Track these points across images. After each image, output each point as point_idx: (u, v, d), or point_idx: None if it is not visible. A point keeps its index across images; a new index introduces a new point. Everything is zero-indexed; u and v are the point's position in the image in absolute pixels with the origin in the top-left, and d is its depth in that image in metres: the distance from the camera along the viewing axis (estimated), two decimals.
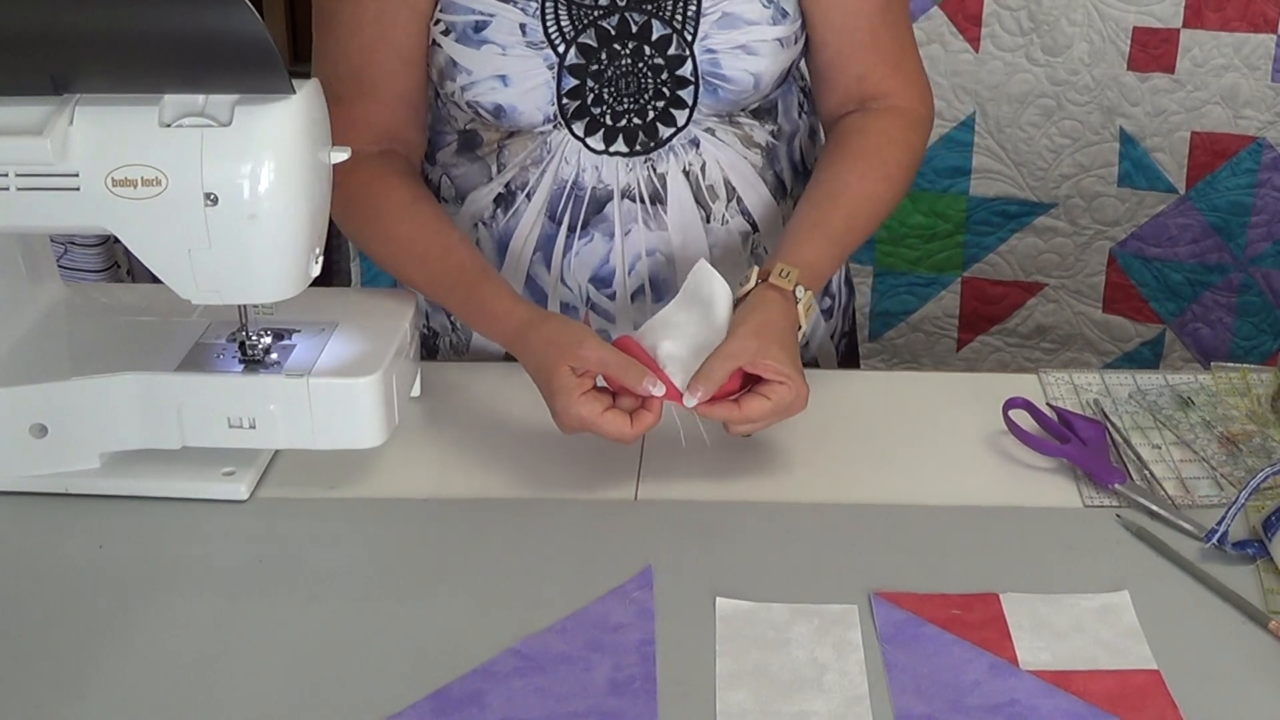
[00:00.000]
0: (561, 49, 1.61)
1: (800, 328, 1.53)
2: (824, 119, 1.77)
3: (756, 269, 1.55)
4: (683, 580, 1.35)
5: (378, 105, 1.66)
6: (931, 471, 1.52)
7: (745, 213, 1.74)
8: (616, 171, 1.68)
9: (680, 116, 1.66)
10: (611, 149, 1.67)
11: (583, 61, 1.62)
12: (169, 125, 1.34)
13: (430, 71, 1.67)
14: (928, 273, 2.95)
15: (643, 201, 1.69)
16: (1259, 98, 2.74)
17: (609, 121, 1.65)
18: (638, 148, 1.67)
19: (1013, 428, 1.55)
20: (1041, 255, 2.90)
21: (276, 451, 1.52)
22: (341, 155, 1.45)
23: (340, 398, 1.44)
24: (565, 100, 1.63)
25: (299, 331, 1.51)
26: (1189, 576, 1.37)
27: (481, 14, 1.61)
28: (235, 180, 1.34)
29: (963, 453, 1.55)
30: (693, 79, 1.64)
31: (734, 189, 1.72)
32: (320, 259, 1.44)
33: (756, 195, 1.74)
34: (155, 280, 1.40)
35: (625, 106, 1.65)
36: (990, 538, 1.42)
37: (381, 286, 2.88)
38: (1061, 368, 1.72)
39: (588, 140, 1.66)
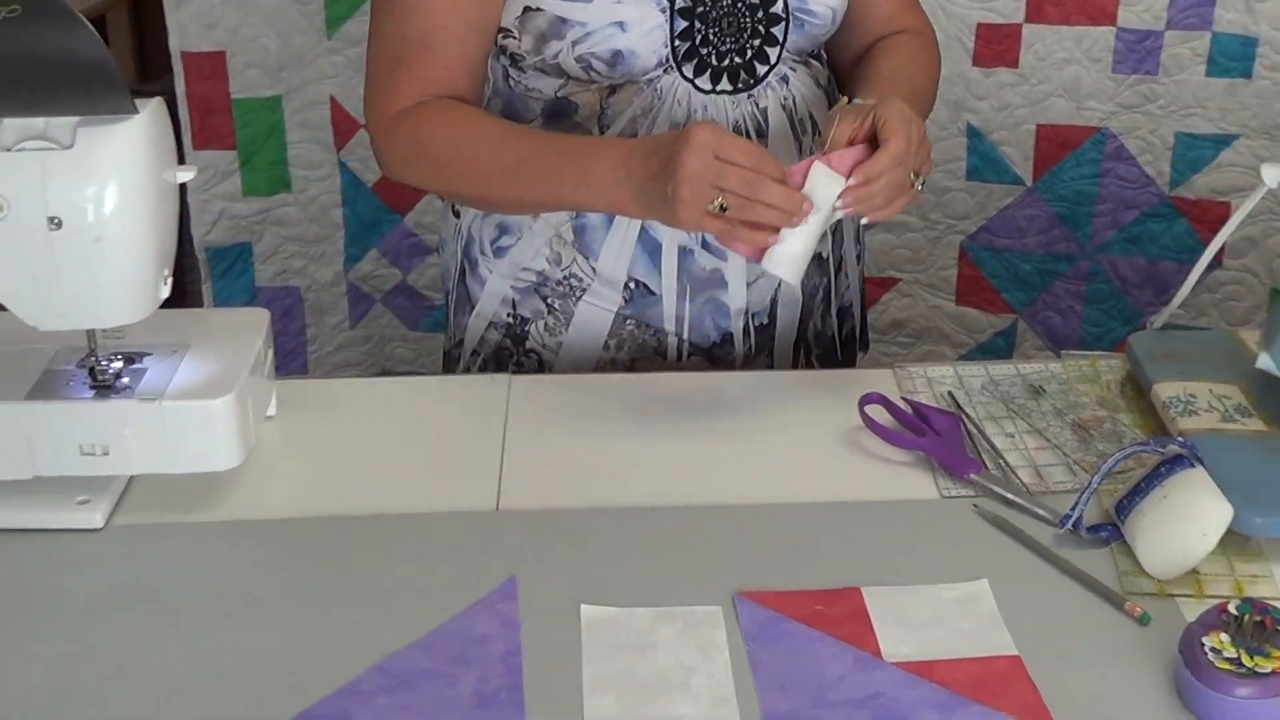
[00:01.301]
0: None
1: None
2: (848, 62, 1.88)
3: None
4: (547, 589, 1.35)
5: (441, 67, 1.69)
6: (791, 469, 1.54)
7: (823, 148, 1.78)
8: (724, 109, 1.74)
9: (773, 54, 1.76)
10: (718, 88, 1.74)
11: (690, 4, 1.69)
12: (9, 149, 1.32)
13: (518, 44, 1.71)
14: None
15: (748, 136, 1.74)
16: (1101, 89, 2.79)
17: (715, 62, 1.73)
18: (739, 85, 1.75)
19: (869, 423, 1.57)
20: (894, 251, 2.93)
21: (131, 477, 1.50)
22: (187, 175, 1.43)
23: (194, 420, 1.42)
24: (677, 42, 1.69)
25: (150, 354, 1.49)
26: (1046, 562, 1.39)
27: None
28: (79, 203, 1.32)
29: (821, 449, 1.57)
30: (784, 15, 1.75)
31: (815, 124, 1.80)
32: (170, 280, 1.43)
33: None
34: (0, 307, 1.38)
35: (728, 46, 1.73)
36: (850, 532, 1.43)
37: (234, 306, 2.86)
38: (918, 361, 1.74)
39: (696, 81, 1.73)
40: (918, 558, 1.40)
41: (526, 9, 1.68)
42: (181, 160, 1.45)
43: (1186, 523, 1.36)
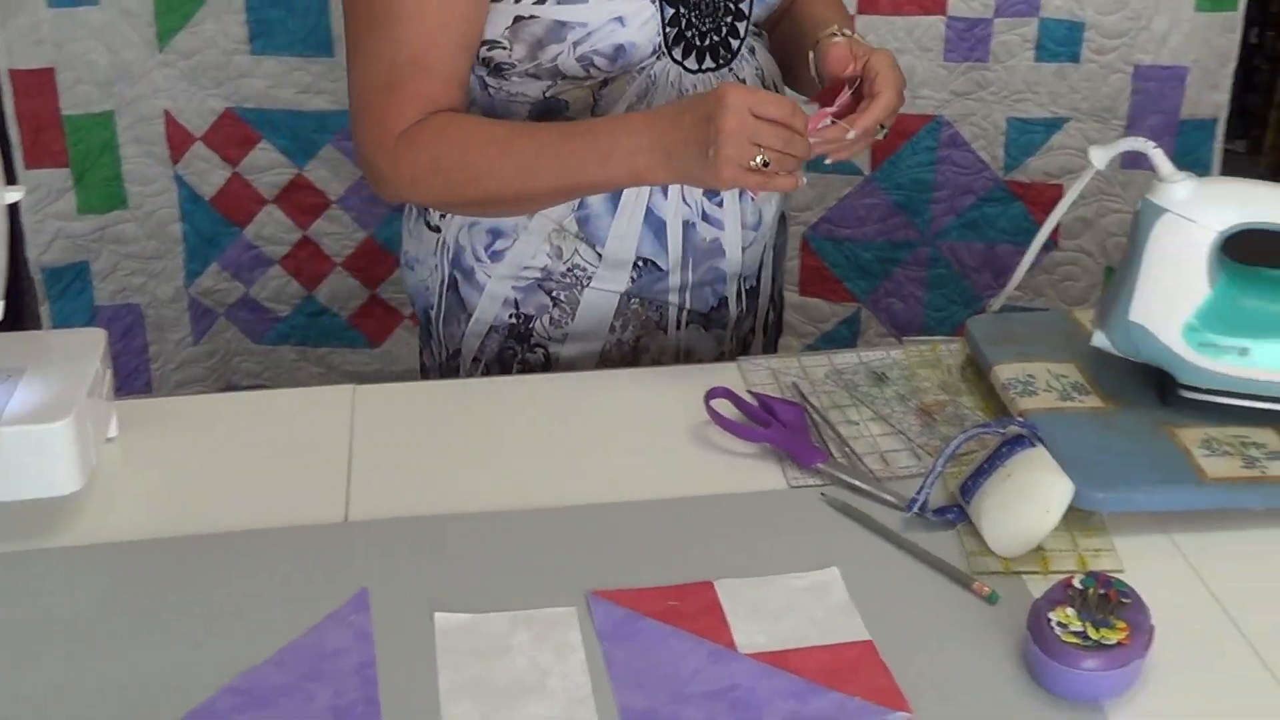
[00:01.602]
0: None
1: None
2: (772, 19, 1.96)
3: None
4: (399, 599, 1.34)
5: (437, 84, 1.70)
6: (640, 467, 1.54)
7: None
8: (712, 86, 1.78)
9: (741, 28, 1.84)
10: (703, 67, 1.80)
11: None
12: None
13: (508, 54, 1.73)
14: None
15: None
16: (934, 77, 2.83)
17: (699, 42, 1.79)
18: (720, 62, 1.82)
19: (715, 417, 1.57)
20: None
21: None
22: (15, 195, 1.41)
23: (32, 445, 1.39)
24: (668, 29, 1.75)
25: None
26: (894, 547, 1.41)
27: None
28: None
29: (669, 445, 1.57)
30: None
31: (781, 90, 1.89)
32: (1, 303, 1.40)
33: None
34: None
35: (707, 26, 1.79)
36: (701, 527, 1.44)
37: (74, 327, 2.81)
38: (763, 354, 1.75)
39: (685, 63, 1.78)
40: (768, 548, 1.41)
41: (518, 18, 1.70)
42: (13, 180, 1.42)
43: (1029, 501, 1.39)
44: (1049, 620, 1.24)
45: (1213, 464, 1.46)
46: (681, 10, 1.76)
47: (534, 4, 1.69)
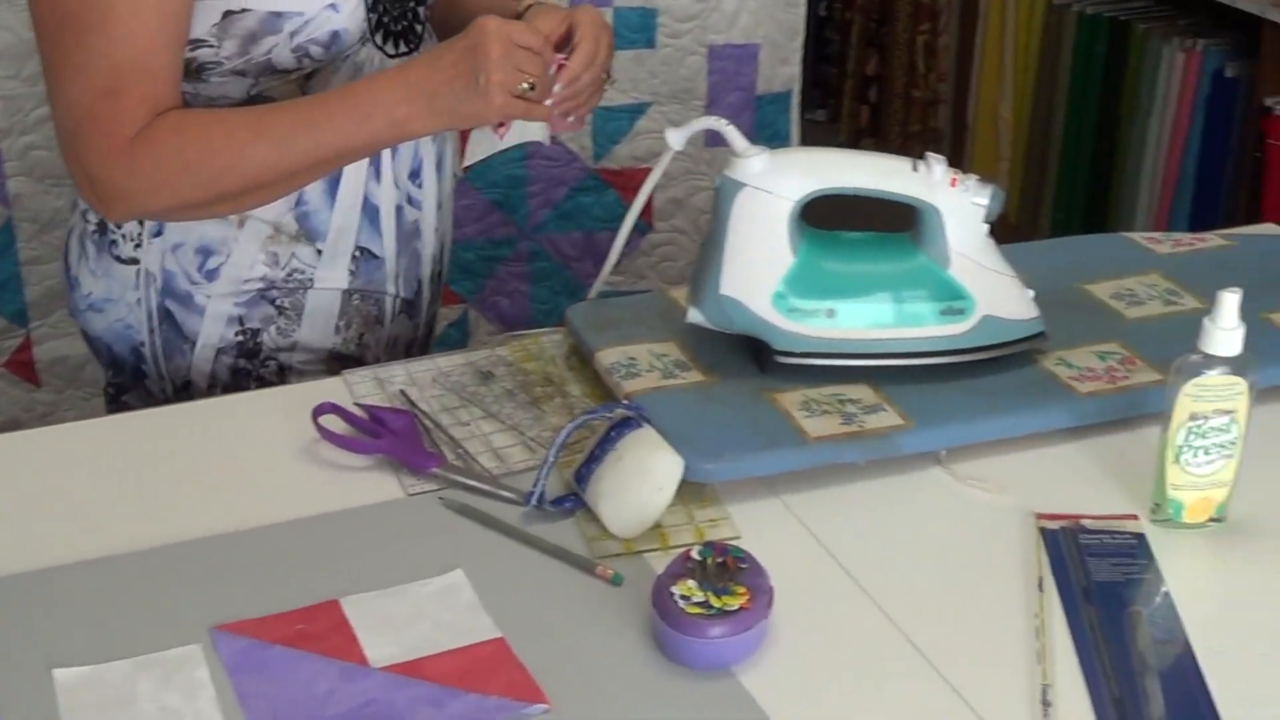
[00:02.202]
0: None
1: None
2: None
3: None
4: (14, 660, 1.28)
5: (160, 84, 1.62)
6: (254, 492, 1.51)
7: None
8: None
9: (422, 13, 1.85)
10: (400, 52, 1.81)
11: None
12: None
13: (216, 51, 1.67)
14: None
15: None
16: None
17: (395, 28, 1.79)
18: (410, 47, 1.82)
19: (325, 433, 1.56)
20: None
21: None
22: None
23: None
24: (370, 15, 1.74)
25: None
26: (517, 542, 1.42)
27: None
28: None
29: (282, 468, 1.55)
30: None
31: None
32: None
33: None
34: None
35: (398, 12, 1.80)
36: (322, 546, 1.42)
37: None
38: (371, 365, 1.74)
39: (385, 48, 1.79)
40: (391, 559, 1.40)
41: (228, 13, 1.64)
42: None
43: (642, 481, 1.41)
44: (672, 594, 1.27)
45: (813, 424, 1.51)
46: None
47: None
